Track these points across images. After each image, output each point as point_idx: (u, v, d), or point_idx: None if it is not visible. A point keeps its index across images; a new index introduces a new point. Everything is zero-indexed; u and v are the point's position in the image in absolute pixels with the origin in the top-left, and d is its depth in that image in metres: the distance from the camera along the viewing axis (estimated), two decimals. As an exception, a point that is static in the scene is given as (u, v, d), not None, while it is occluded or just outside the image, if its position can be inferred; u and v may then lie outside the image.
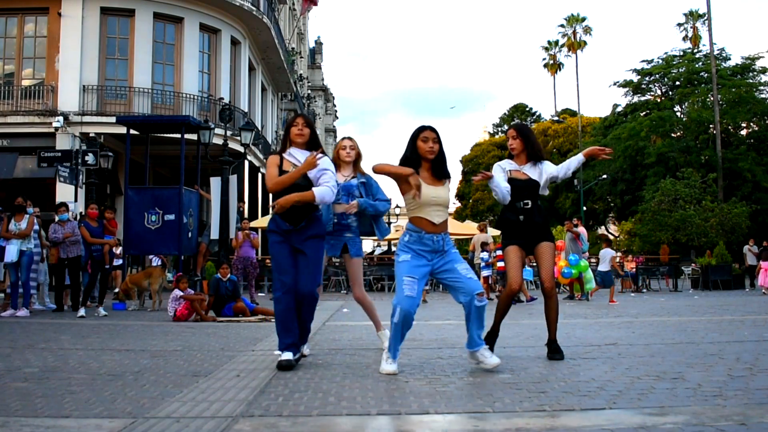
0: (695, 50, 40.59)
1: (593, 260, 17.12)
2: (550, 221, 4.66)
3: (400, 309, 3.81)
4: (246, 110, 22.90)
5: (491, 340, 4.49)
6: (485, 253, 14.19)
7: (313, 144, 4.31)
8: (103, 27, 18.92)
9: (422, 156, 3.94)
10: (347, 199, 4.62)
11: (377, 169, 3.99)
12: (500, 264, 13.39)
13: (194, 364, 4.33)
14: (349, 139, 4.90)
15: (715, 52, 34.09)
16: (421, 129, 3.99)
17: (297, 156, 4.25)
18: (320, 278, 4.29)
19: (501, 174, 4.53)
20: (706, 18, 34.01)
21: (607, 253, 13.16)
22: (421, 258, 3.90)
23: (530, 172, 4.53)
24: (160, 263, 12.75)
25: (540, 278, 4.52)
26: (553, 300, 4.49)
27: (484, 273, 14.12)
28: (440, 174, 3.98)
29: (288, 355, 4.07)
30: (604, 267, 12.91)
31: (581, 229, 13.65)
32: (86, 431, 2.61)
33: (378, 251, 36.13)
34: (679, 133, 35.23)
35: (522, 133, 4.62)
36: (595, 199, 41.16)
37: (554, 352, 4.43)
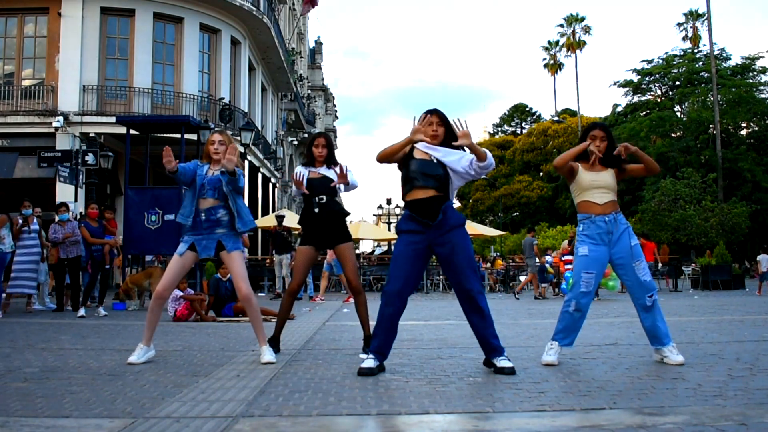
0: (695, 50, 40.60)
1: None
2: (346, 217, 5.04)
3: (575, 302, 4.10)
4: (246, 110, 22.91)
5: (274, 344, 4.76)
6: (549, 257, 15.11)
7: (447, 143, 4.05)
8: (103, 27, 18.92)
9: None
10: (213, 193, 4.39)
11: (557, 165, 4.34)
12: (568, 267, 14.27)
13: (194, 364, 4.33)
14: (220, 133, 4.58)
15: (715, 52, 34.11)
16: (592, 127, 4.31)
17: (431, 149, 3.98)
18: (478, 271, 4.08)
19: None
20: (705, 18, 34.04)
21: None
22: (599, 245, 4.11)
23: (325, 172, 4.92)
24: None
25: (346, 278, 4.84)
26: (361, 297, 4.81)
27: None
28: (606, 163, 4.24)
29: (369, 362, 3.84)
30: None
31: None
32: (86, 431, 2.61)
33: (378, 251, 36.14)
34: (679, 133, 35.26)
35: (330, 144, 5.04)
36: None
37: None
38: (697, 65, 37.22)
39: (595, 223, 4.12)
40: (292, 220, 17.53)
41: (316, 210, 4.77)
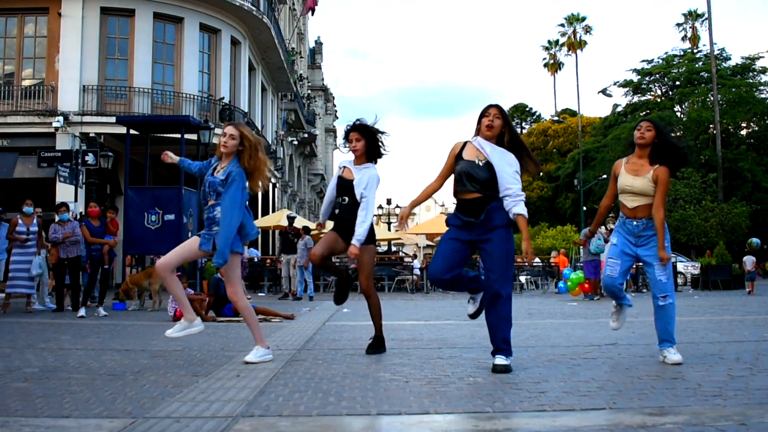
0: (695, 50, 40.60)
1: None
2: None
3: (604, 285, 4.58)
4: (246, 110, 22.90)
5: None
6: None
7: (501, 139, 4.03)
8: (103, 27, 18.92)
9: (636, 144, 4.48)
10: (214, 195, 4.31)
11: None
12: None
13: (194, 364, 4.33)
14: (234, 126, 4.37)
15: (715, 52, 34.10)
16: (640, 122, 4.54)
17: (483, 146, 4.00)
18: (511, 273, 4.09)
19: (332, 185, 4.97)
20: (705, 18, 34.08)
21: None
22: (627, 242, 4.44)
23: (358, 174, 4.76)
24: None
25: (359, 280, 4.88)
26: (372, 299, 4.81)
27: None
28: (657, 158, 4.43)
29: (470, 308, 4.31)
30: None
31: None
32: (86, 431, 2.61)
33: (378, 251, 36.14)
34: (679, 133, 35.22)
35: (368, 133, 4.83)
36: (595, 199, 41.13)
37: (375, 347, 4.77)
38: (697, 65, 37.22)
39: (624, 224, 4.46)
40: (298, 221, 17.52)
41: (336, 211, 4.85)
